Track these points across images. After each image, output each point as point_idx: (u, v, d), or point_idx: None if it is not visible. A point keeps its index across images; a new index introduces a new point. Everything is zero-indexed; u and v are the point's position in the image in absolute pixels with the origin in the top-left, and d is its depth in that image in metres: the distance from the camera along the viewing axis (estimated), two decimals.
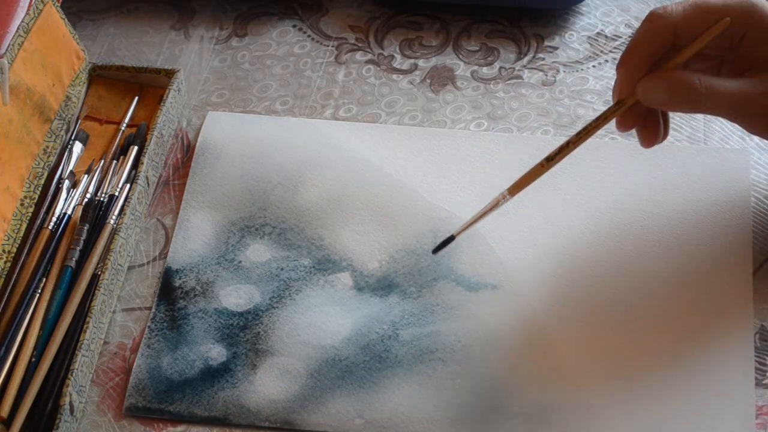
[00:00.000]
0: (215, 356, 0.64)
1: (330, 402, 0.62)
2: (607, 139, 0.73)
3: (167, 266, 0.69)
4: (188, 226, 0.70)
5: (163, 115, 0.73)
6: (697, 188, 0.69)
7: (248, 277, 0.68)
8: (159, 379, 0.64)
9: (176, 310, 0.67)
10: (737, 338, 0.63)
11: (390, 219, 0.70)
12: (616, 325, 0.64)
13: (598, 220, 0.68)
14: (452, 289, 0.66)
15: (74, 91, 0.75)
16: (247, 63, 0.81)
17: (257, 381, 0.63)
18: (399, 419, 0.61)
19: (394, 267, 0.67)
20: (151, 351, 0.65)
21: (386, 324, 0.65)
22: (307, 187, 0.72)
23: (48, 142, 0.72)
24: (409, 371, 0.63)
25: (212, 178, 0.73)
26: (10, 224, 0.67)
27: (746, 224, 0.67)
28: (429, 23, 0.82)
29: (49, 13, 0.72)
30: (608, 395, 0.61)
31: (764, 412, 0.60)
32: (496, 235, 0.68)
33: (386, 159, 0.73)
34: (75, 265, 0.67)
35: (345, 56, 0.80)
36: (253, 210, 0.71)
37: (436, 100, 0.77)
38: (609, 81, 0.77)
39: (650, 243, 0.67)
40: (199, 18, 0.84)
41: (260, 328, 0.65)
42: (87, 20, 0.84)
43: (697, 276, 0.65)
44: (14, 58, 0.68)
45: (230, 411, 0.62)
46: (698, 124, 0.73)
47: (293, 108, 0.77)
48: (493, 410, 0.61)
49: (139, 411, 0.62)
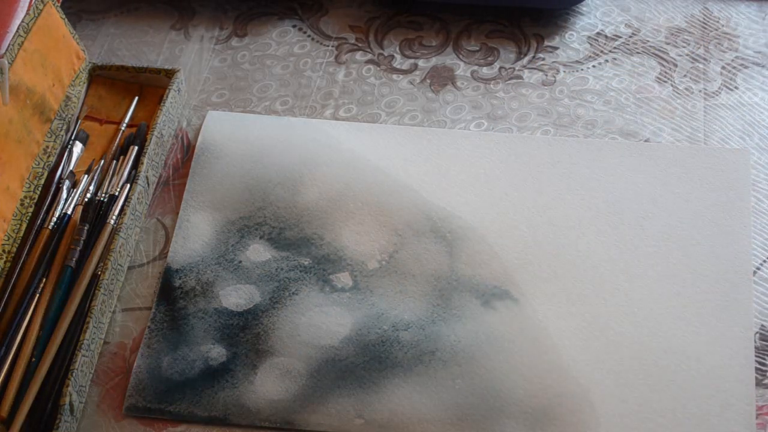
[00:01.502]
0: (215, 356, 0.64)
1: (330, 402, 0.62)
2: (607, 139, 0.73)
3: (167, 266, 0.69)
4: (188, 226, 0.70)
5: (163, 115, 0.73)
6: (697, 188, 0.70)
7: (248, 277, 0.68)
8: (159, 379, 0.64)
9: (176, 310, 0.67)
10: (737, 338, 0.63)
11: (390, 219, 0.70)
12: (616, 324, 0.64)
13: (598, 220, 0.68)
14: (452, 289, 0.66)
15: (74, 91, 0.75)
16: (247, 63, 0.81)
17: (257, 381, 0.63)
18: (399, 419, 0.61)
19: (393, 267, 0.67)
20: (151, 351, 0.65)
21: (386, 324, 0.65)
22: (307, 187, 0.72)
23: (48, 142, 0.72)
24: (408, 371, 0.63)
25: (212, 178, 0.73)
26: (10, 224, 0.67)
27: (746, 224, 0.67)
28: (429, 23, 0.82)
29: (49, 13, 0.72)
30: (608, 395, 0.61)
31: (764, 412, 0.60)
32: (496, 235, 0.68)
33: (386, 159, 0.73)
34: (75, 265, 0.67)
35: (345, 56, 0.80)
36: (252, 210, 0.71)
37: (436, 100, 0.77)
38: (609, 81, 0.77)
39: (650, 243, 0.67)
40: (199, 18, 0.84)
41: (260, 328, 0.65)
42: (87, 20, 0.84)
43: (697, 276, 0.65)
44: (14, 58, 0.68)
45: (230, 411, 0.62)
46: (698, 125, 0.73)
47: (293, 108, 0.77)
48: (492, 410, 0.61)
49: (139, 411, 0.62)
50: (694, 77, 0.76)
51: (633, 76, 0.77)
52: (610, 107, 0.75)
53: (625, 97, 0.76)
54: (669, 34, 0.79)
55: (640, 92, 0.76)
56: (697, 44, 0.78)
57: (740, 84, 0.75)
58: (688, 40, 0.79)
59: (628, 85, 0.76)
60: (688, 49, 0.78)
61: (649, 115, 0.74)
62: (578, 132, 0.74)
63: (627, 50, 0.79)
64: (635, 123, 0.74)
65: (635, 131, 0.74)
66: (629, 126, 0.74)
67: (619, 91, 0.76)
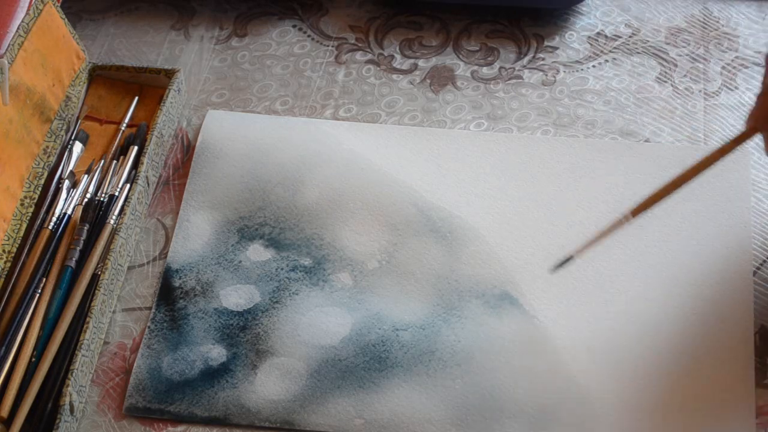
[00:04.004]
0: (215, 356, 0.64)
1: (330, 402, 0.62)
2: (607, 139, 0.73)
3: (167, 266, 0.69)
4: (188, 226, 0.70)
5: (163, 115, 0.73)
6: (698, 188, 0.69)
7: (248, 277, 0.68)
8: (159, 379, 0.64)
9: (176, 310, 0.67)
10: (737, 338, 0.63)
11: (389, 218, 0.70)
12: (616, 324, 0.64)
13: (598, 220, 0.68)
14: (452, 289, 0.66)
15: (74, 91, 0.75)
16: (247, 63, 0.81)
17: (257, 381, 0.63)
18: (399, 419, 0.61)
19: (393, 267, 0.67)
20: (151, 351, 0.65)
21: (386, 324, 0.65)
22: (307, 187, 0.72)
23: (48, 142, 0.72)
24: (409, 372, 0.63)
25: (212, 178, 0.73)
26: (10, 224, 0.67)
27: (746, 224, 0.67)
28: (429, 23, 0.82)
29: (49, 13, 0.72)
30: (608, 396, 0.61)
31: (764, 412, 0.60)
32: (497, 236, 0.68)
33: (386, 159, 0.73)
34: (75, 265, 0.67)
35: (345, 56, 0.80)
36: (253, 209, 0.71)
37: (436, 100, 0.77)
38: (609, 81, 0.77)
39: (650, 243, 0.67)
40: (199, 18, 0.84)
41: (260, 328, 0.65)
42: (87, 20, 0.84)
43: (697, 276, 0.65)
44: (14, 58, 0.68)
45: (230, 411, 0.62)
46: (698, 125, 0.73)
47: (293, 108, 0.77)
48: (492, 410, 0.61)
49: (140, 411, 0.62)
50: (694, 77, 0.76)
51: (633, 76, 0.77)
52: (610, 107, 0.75)
53: (625, 97, 0.76)
54: (669, 34, 0.79)
55: (640, 92, 0.76)
56: (697, 44, 0.78)
57: (740, 84, 0.75)
58: (688, 40, 0.79)
59: (628, 85, 0.76)
60: (688, 49, 0.78)
61: (649, 115, 0.74)
62: (578, 132, 0.74)
63: (627, 50, 0.78)
64: (635, 123, 0.74)
65: (635, 131, 0.74)
66: (629, 126, 0.74)
67: (619, 91, 0.76)
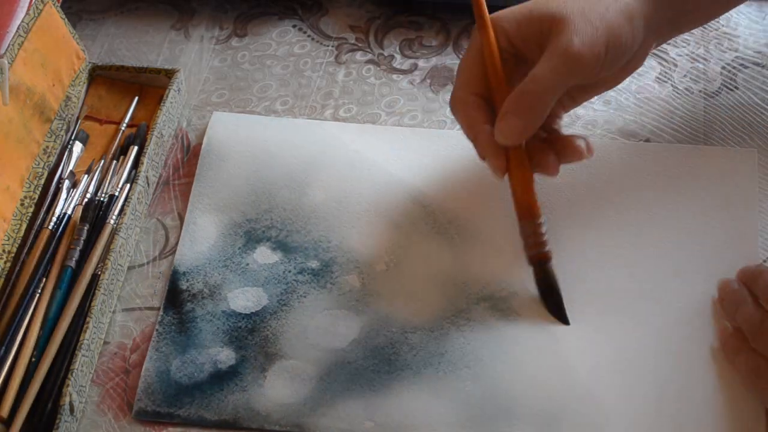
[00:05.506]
0: (224, 359, 0.64)
1: (340, 405, 0.62)
2: (607, 139, 0.73)
3: (174, 269, 0.68)
4: (195, 229, 0.70)
5: (163, 115, 0.73)
6: (701, 188, 0.69)
7: (256, 280, 0.67)
8: (168, 383, 0.63)
9: (184, 313, 0.66)
10: None
11: (396, 220, 0.69)
12: (621, 325, 0.64)
13: (600, 221, 0.68)
14: (460, 291, 0.66)
15: (74, 91, 0.75)
16: (247, 63, 0.80)
17: (267, 384, 0.63)
18: (409, 422, 0.61)
19: (401, 269, 0.67)
20: (159, 354, 0.64)
21: (395, 327, 0.65)
22: (313, 189, 0.71)
23: (48, 142, 0.72)
24: (418, 374, 0.62)
25: (218, 180, 0.72)
26: (10, 224, 0.67)
27: (753, 224, 0.67)
28: (429, 23, 0.82)
29: (49, 13, 0.72)
30: (615, 396, 0.61)
31: None
32: (501, 238, 0.68)
33: (392, 160, 0.72)
34: (75, 265, 0.66)
35: (345, 56, 0.80)
36: (259, 212, 0.70)
37: (436, 100, 0.77)
38: None
39: (653, 243, 0.67)
40: (199, 18, 0.84)
41: (269, 331, 0.65)
42: (87, 20, 0.84)
43: (700, 276, 0.65)
44: (14, 58, 0.68)
45: (240, 415, 0.62)
46: (698, 125, 0.73)
47: (293, 108, 0.77)
48: (501, 413, 0.61)
49: (149, 415, 0.62)
50: (694, 77, 0.76)
51: (633, 76, 0.76)
52: (610, 107, 0.75)
53: (625, 97, 0.76)
54: None
55: (640, 92, 0.76)
56: (697, 44, 0.78)
57: (740, 84, 0.76)
58: (688, 40, 0.79)
59: (628, 85, 0.76)
60: (688, 49, 0.78)
61: (649, 115, 0.74)
62: (579, 132, 0.74)
63: None
64: (635, 123, 0.74)
65: (635, 131, 0.74)
66: (629, 126, 0.74)
67: (619, 91, 0.76)
